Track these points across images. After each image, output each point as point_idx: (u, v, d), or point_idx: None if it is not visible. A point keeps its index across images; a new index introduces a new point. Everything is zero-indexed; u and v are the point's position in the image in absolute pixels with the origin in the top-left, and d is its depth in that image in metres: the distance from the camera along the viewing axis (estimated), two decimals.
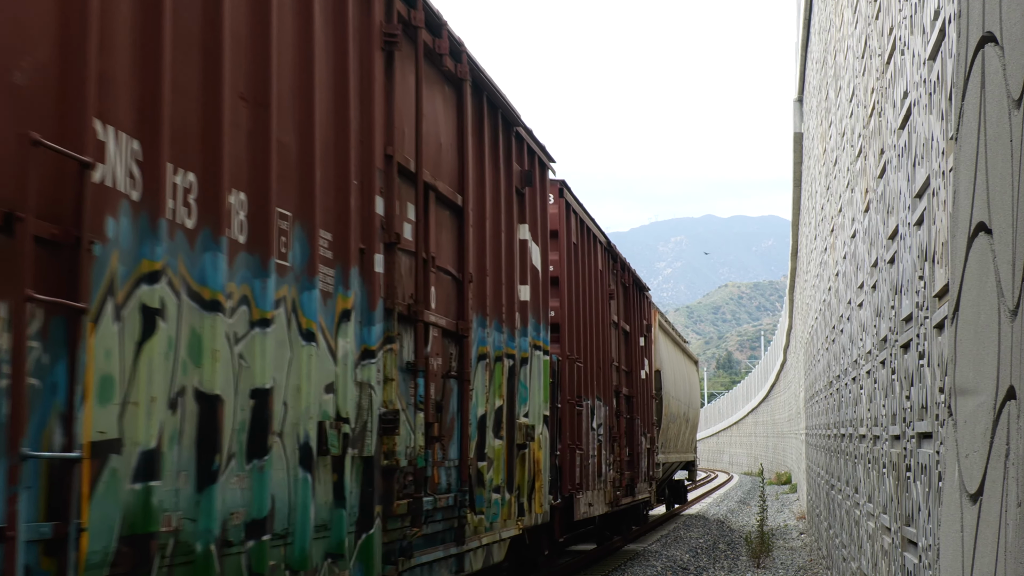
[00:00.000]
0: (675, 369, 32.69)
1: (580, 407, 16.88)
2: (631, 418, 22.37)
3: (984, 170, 2.71)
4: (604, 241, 19.96)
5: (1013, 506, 2.33)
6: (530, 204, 12.83)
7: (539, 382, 13.10)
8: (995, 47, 2.61)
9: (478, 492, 10.33)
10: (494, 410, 11.06)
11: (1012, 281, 2.41)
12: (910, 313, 6.83)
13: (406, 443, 8.38)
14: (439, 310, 9.36)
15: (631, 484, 22.07)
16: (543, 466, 13.16)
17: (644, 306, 25.45)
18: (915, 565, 6.75)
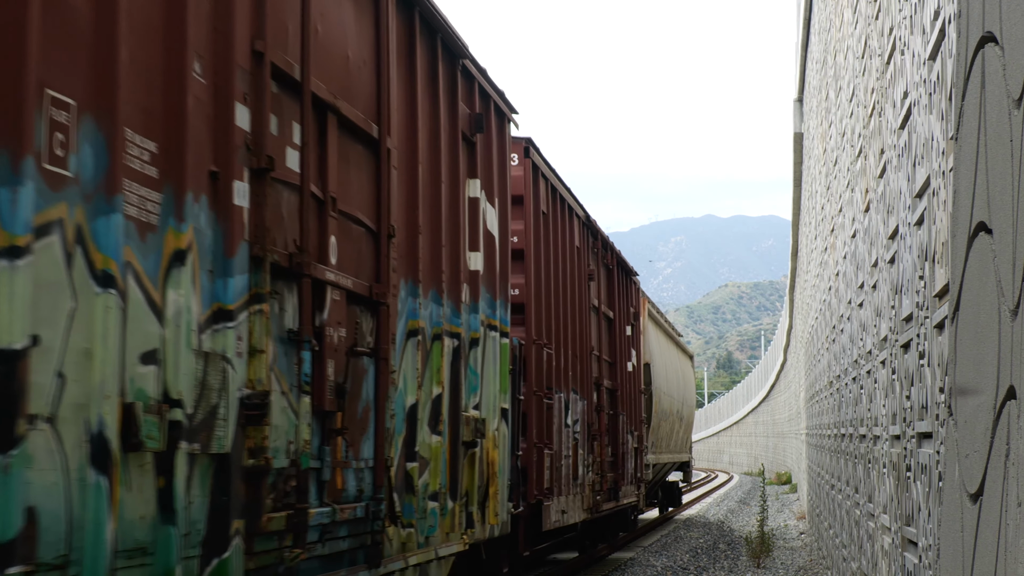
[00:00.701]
0: (667, 363, 30.51)
1: (550, 400, 14.95)
2: (615, 414, 20.31)
3: (984, 170, 2.71)
4: (582, 215, 17.94)
5: (1013, 506, 2.33)
6: (483, 157, 10.84)
7: (495, 368, 11.04)
8: (995, 47, 2.61)
9: (407, 500, 8.36)
10: (430, 399, 8.99)
11: (1012, 281, 2.41)
12: (910, 313, 6.83)
13: (287, 437, 6.33)
14: (344, 267, 7.31)
15: (614, 488, 20.08)
16: (500, 468, 11.12)
17: (631, 292, 23.39)
18: (915, 565, 6.75)
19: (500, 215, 11.46)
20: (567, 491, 15.90)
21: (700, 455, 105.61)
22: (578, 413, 16.83)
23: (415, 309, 8.71)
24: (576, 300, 17.06)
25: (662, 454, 28.66)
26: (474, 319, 10.36)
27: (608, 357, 20.05)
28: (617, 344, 20.84)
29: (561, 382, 15.73)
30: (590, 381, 17.87)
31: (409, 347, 8.56)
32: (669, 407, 29.70)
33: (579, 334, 17.16)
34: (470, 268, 10.32)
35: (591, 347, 18.06)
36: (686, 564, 19.88)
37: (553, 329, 15.40)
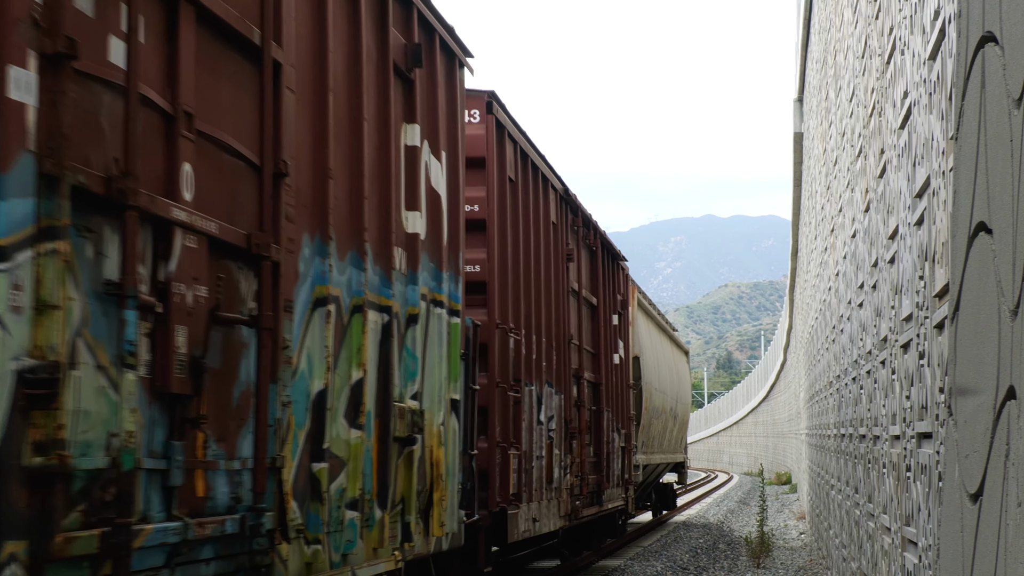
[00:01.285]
0: (659, 357, 28.70)
1: (518, 394, 13.16)
2: (598, 411, 18.57)
3: (984, 170, 2.71)
4: (560, 187, 16.14)
5: (1013, 506, 2.33)
6: (426, 101, 9.21)
7: (441, 352, 9.41)
8: (995, 47, 2.61)
9: (312, 509, 6.70)
10: (348, 386, 7.36)
11: (1012, 281, 2.41)
12: (910, 313, 6.83)
13: (107, 427, 4.75)
14: (207, 207, 5.57)
15: (597, 491, 18.43)
16: (448, 470, 9.50)
17: (619, 279, 21.42)
18: (915, 565, 6.75)
19: (450, 173, 9.79)
20: (540, 496, 14.28)
21: (700, 455, 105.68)
22: (554, 409, 15.21)
23: (324, 272, 6.94)
24: (552, 282, 15.31)
25: (654, 454, 27.10)
26: (412, 292, 8.66)
27: (591, 348, 18.38)
28: (601, 334, 19.00)
29: (533, 373, 14.03)
30: (568, 373, 16.18)
31: (316, 319, 6.81)
32: (661, 404, 28.10)
33: (556, 320, 15.44)
34: (407, 230, 8.63)
35: (570, 335, 16.37)
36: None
37: (523, 313, 13.67)
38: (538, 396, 14.33)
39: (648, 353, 26.11)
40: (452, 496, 9.67)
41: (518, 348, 13.39)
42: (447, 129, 9.80)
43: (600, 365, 18.87)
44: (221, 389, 5.71)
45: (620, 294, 21.38)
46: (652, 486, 30.28)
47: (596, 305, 18.77)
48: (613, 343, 20.14)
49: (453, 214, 9.91)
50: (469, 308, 11.75)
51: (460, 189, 10.07)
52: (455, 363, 9.91)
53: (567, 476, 15.90)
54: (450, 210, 9.81)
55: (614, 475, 20.10)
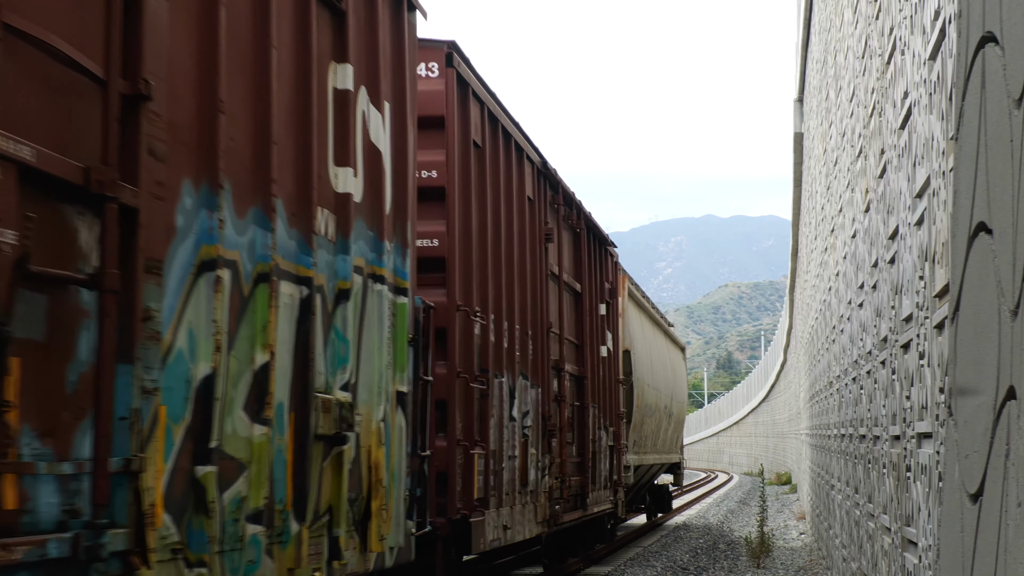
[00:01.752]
0: (652, 352, 26.97)
1: (484, 385, 11.77)
2: (583, 407, 17.12)
3: (984, 170, 2.71)
4: (538, 160, 14.61)
5: (1013, 506, 2.33)
6: (363, 40, 7.86)
7: (381, 336, 7.98)
8: (995, 47, 2.61)
9: (195, 523, 5.35)
10: (249, 371, 5.97)
11: (1012, 281, 2.41)
12: (910, 313, 6.83)
13: None
14: (14, 125, 4.28)
15: (581, 494, 16.91)
16: (392, 474, 8.17)
17: (607, 266, 19.91)
18: (915, 565, 6.75)
19: (396, 128, 8.41)
20: (512, 501, 12.78)
21: (700, 455, 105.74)
22: (529, 404, 13.74)
23: (213, 229, 5.51)
24: (528, 264, 13.79)
25: (647, 454, 25.68)
26: (342, 263, 7.23)
27: (574, 338, 16.87)
28: (587, 324, 17.53)
29: (503, 364, 12.56)
30: (547, 365, 14.67)
31: (201, 287, 5.42)
32: (655, 402, 26.57)
33: (532, 306, 13.95)
34: (336, 189, 7.22)
35: (549, 324, 14.80)
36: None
37: (491, 296, 12.16)
38: (510, 389, 12.85)
39: (640, 347, 24.57)
40: (397, 504, 8.27)
41: (485, 335, 11.92)
42: (392, 77, 8.36)
43: (585, 358, 17.40)
44: (46, 369, 4.36)
45: (608, 282, 19.82)
46: (646, 488, 29.03)
47: (580, 292, 17.28)
48: (600, 334, 18.60)
49: (400, 176, 8.44)
50: (425, 288, 10.55)
51: (409, 149, 8.62)
52: (401, 350, 8.39)
53: (545, 478, 14.42)
54: (396, 171, 8.37)
55: (601, 476, 18.55)
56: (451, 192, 11.27)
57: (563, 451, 15.59)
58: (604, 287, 19.42)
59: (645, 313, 27.05)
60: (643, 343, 25.32)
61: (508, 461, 12.66)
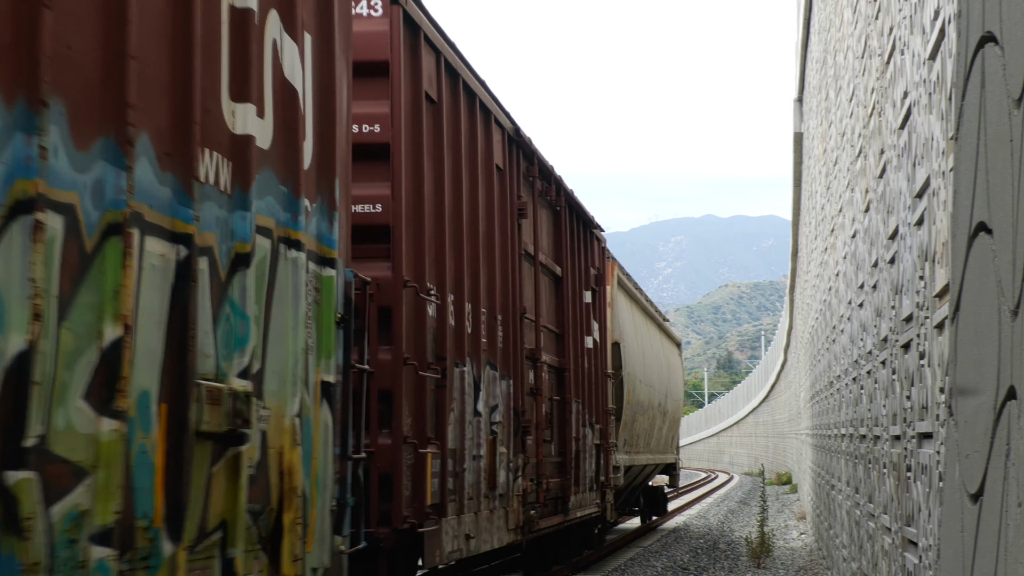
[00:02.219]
0: (645, 346, 25.30)
1: (439, 375, 10.30)
2: (563, 401, 15.55)
3: (984, 170, 2.71)
4: (509, 127, 13.02)
5: (1013, 506, 2.33)
6: None
7: (297, 314, 6.52)
8: (995, 47, 2.61)
9: (4, 546, 4.12)
10: (94, 347, 4.60)
11: (1012, 281, 2.41)
12: (910, 313, 6.83)
13: None
14: None
15: (561, 497, 15.29)
16: (312, 480, 6.72)
17: (593, 250, 18.21)
18: (915, 565, 6.75)
19: (321, 67, 6.97)
20: (477, 506, 11.19)
21: (700, 455, 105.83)
22: (499, 397, 12.10)
23: (31, 159, 4.22)
24: (496, 240, 12.16)
25: (639, 454, 24.08)
26: (241, 221, 5.81)
27: (553, 326, 15.19)
28: (568, 311, 15.84)
29: (465, 351, 10.98)
30: (520, 354, 12.98)
31: (14, 234, 4.14)
32: (648, 398, 24.94)
33: (502, 288, 12.34)
34: (233, 130, 5.87)
35: (522, 308, 13.07)
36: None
37: (450, 273, 10.66)
38: (475, 380, 11.22)
39: (631, 340, 22.85)
40: (322, 517, 6.82)
41: (441, 316, 10.35)
42: (315, 5, 7.05)
43: (567, 348, 15.71)
44: None
45: (595, 268, 18.13)
46: (640, 490, 27.58)
47: (561, 277, 15.59)
48: (585, 324, 16.96)
49: (326, 125, 7.00)
50: (365, 260, 9.15)
51: (339, 93, 7.20)
52: (327, 332, 6.97)
53: (519, 480, 12.73)
54: (320, 118, 6.94)
55: (585, 478, 16.92)
56: (397, 150, 9.61)
57: (540, 450, 13.94)
58: (589, 273, 17.60)
59: (637, 305, 25.27)
60: (634, 336, 23.50)
61: (472, 461, 11.04)
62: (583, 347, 16.92)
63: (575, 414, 16.24)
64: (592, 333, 17.60)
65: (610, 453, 19.32)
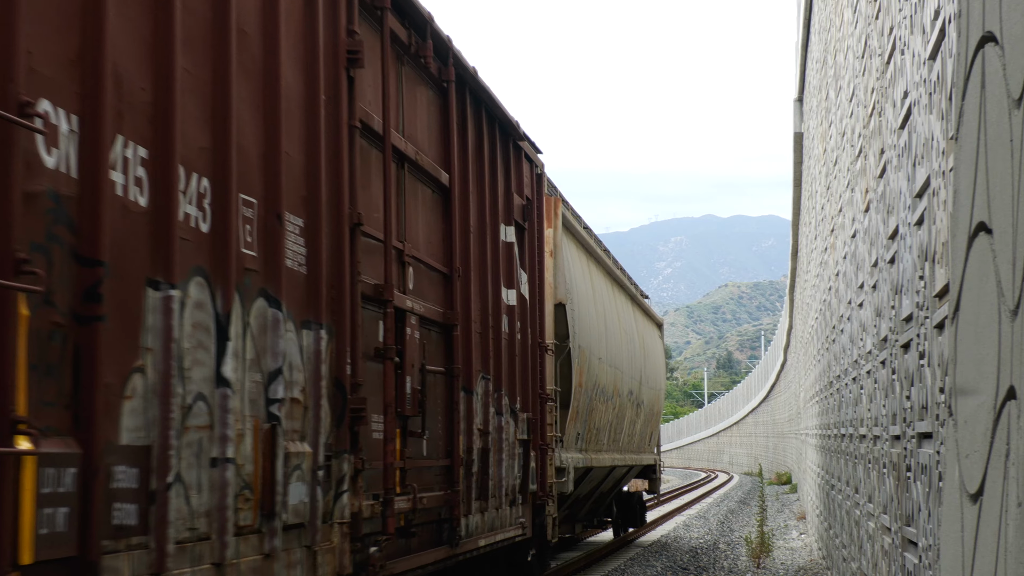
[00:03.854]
0: (609, 315, 20.03)
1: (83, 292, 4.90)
2: (452, 375, 10.24)
3: (984, 170, 2.71)
4: None
5: (1013, 506, 2.33)
6: None
7: None
8: (995, 47, 2.61)
9: None
10: None
11: (1012, 281, 2.41)
12: (910, 313, 6.83)
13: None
14: None
15: (448, 520, 10.10)
16: None
17: (522, 173, 13.11)
18: (915, 565, 6.75)
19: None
20: (218, 550, 5.91)
21: (700, 455, 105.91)
22: (289, 356, 6.86)
23: None
24: (289, 87, 7.07)
25: (600, 453, 19.11)
26: None
27: (436, 262, 10.16)
28: (457, 241, 10.60)
29: (174, 260, 5.66)
30: (350, 290, 7.82)
31: None
32: (612, 383, 19.81)
33: (305, 169, 7.24)
34: None
35: (355, 217, 7.92)
36: None
37: (138, 110, 5.43)
38: (215, 317, 6.08)
39: (585, 303, 17.68)
40: None
41: (95, 179, 4.99)
42: None
43: (456, 296, 10.45)
44: None
45: (523, 197, 13.08)
46: (610, 496, 23.04)
47: (449, 188, 10.45)
48: (504, 270, 12.10)
49: None
50: None
51: None
52: None
53: (342, 498, 7.56)
54: None
55: (503, 487, 11.80)
56: None
57: (392, 448, 8.62)
58: (511, 200, 12.46)
59: (598, 263, 20.09)
60: (591, 300, 18.38)
61: (197, 470, 5.82)
62: (497, 301, 11.79)
63: (481, 396, 11.12)
64: (517, 286, 12.65)
65: (548, 452, 14.07)
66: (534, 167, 13.84)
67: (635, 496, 25.64)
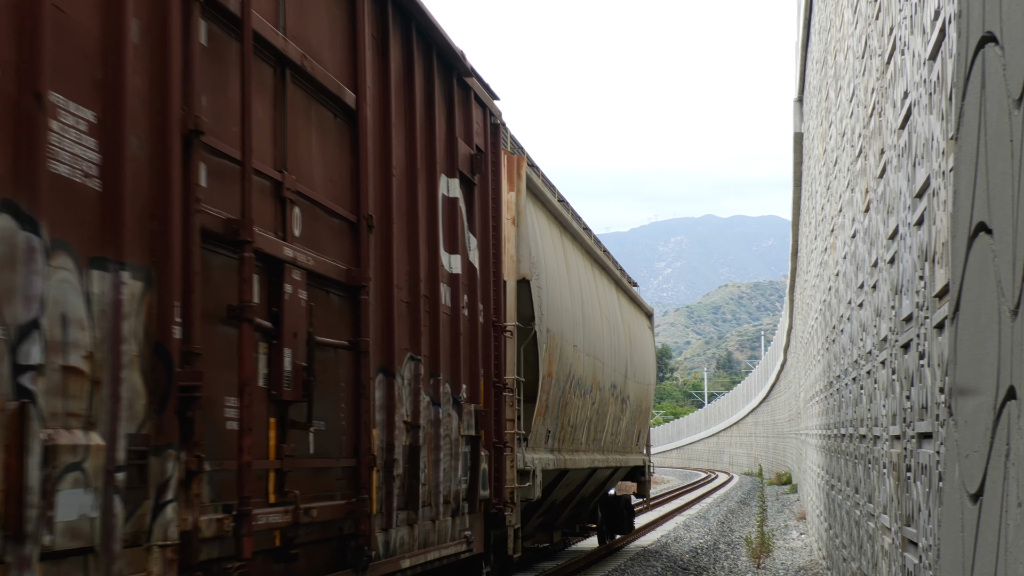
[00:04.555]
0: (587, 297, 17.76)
1: None
2: (357, 349, 7.75)
3: (984, 170, 2.71)
4: None
5: (1013, 506, 2.33)
6: None
7: None
8: (995, 47, 2.61)
9: None
10: None
11: (1012, 281, 2.41)
12: (910, 313, 6.84)
13: None
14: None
15: (353, 536, 7.59)
16: None
17: (471, 117, 10.78)
18: (915, 565, 6.75)
19: None
20: None
21: (700, 455, 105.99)
22: (90, 315, 4.79)
23: None
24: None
25: (577, 454, 17.01)
26: None
27: (339, 206, 7.79)
28: (389, 192, 8.63)
29: None
30: (183, 222, 5.49)
31: None
32: (591, 375, 17.66)
33: (102, 52, 4.99)
34: None
35: (194, 123, 5.59)
36: None
37: None
38: None
39: (557, 282, 15.49)
40: None
41: None
42: None
43: (366, 250, 8.03)
44: None
45: (471, 145, 10.75)
46: (595, 501, 21.50)
47: (356, 112, 8.09)
48: (444, 230, 9.93)
49: None
50: None
51: None
52: None
53: (164, 512, 5.23)
54: None
55: (439, 494, 9.39)
56: None
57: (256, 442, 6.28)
58: (455, 148, 10.23)
59: (574, 240, 17.88)
60: (564, 278, 16.18)
61: None
62: (434, 266, 9.57)
63: (409, 380, 8.85)
64: (464, 252, 10.42)
65: (506, 451, 11.84)
66: (487, 113, 11.45)
67: (622, 500, 23.35)
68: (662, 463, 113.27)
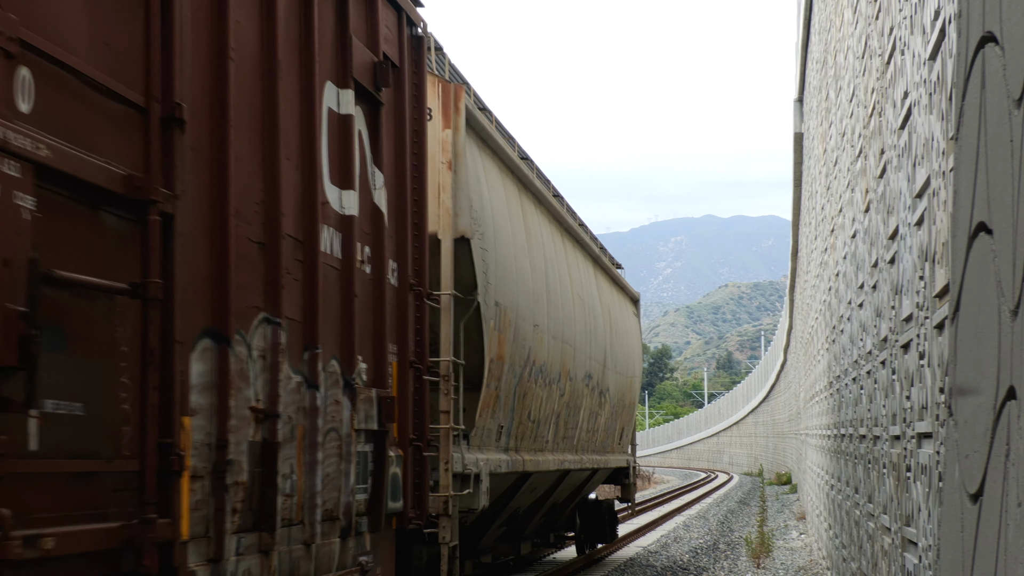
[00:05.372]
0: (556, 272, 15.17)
1: None
2: (144, 294, 4.99)
3: (984, 170, 2.71)
4: None
5: (1013, 506, 2.33)
6: None
7: None
8: (995, 47, 2.61)
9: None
10: None
11: (1012, 281, 2.41)
12: (910, 313, 6.84)
13: None
14: None
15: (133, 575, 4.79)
16: None
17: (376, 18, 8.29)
18: (915, 565, 6.75)
19: None
20: None
21: (700, 455, 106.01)
22: None
23: None
24: None
25: (542, 454, 14.56)
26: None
27: (121, 84, 5.00)
28: (226, 74, 5.94)
29: None
30: None
31: None
32: (559, 361, 15.10)
33: None
34: None
35: None
36: None
37: None
38: None
39: (510, 246, 12.90)
40: None
41: None
42: None
43: (167, 156, 5.30)
44: None
45: (376, 53, 8.32)
46: (572, 507, 19.12)
47: None
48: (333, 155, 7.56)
49: None
50: None
51: None
52: None
53: None
54: None
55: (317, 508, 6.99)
56: None
57: None
58: (349, 51, 7.81)
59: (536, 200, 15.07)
60: (522, 243, 13.55)
61: None
62: (312, 200, 7.12)
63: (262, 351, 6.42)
64: (366, 189, 8.08)
65: (427, 451, 9.15)
66: (404, 19, 9.00)
67: (604, 505, 20.69)
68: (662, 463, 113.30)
